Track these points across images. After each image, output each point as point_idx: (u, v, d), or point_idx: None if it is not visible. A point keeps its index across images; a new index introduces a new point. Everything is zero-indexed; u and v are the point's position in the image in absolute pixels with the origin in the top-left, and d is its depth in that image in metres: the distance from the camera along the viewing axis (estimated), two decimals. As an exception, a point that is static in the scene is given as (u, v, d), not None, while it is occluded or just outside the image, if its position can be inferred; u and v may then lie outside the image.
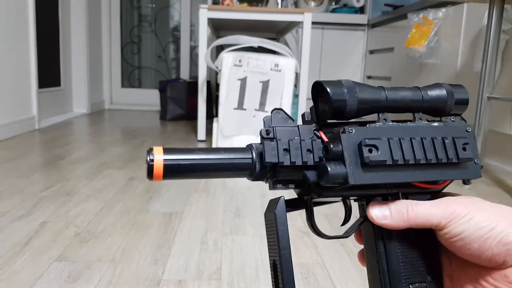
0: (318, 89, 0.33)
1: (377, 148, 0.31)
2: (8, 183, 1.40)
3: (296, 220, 1.12)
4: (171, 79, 3.75)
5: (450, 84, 0.36)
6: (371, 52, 3.39)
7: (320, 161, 0.32)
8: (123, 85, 4.00)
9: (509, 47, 1.80)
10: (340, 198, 0.36)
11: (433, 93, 0.35)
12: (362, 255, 0.38)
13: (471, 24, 2.04)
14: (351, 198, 0.37)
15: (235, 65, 1.92)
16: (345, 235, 0.36)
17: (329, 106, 0.32)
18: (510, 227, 0.31)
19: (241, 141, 1.92)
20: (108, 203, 1.23)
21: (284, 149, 0.32)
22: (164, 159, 0.30)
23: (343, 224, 0.38)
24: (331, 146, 0.31)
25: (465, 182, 0.36)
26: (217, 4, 3.08)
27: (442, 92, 0.35)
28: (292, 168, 0.32)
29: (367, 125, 0.33)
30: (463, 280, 0.34)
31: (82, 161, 1.75)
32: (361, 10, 3.51)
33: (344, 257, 0.93)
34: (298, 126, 0.33)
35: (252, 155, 0.32)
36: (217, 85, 2.23)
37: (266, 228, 0.35)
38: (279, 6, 3.03)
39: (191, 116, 3.23)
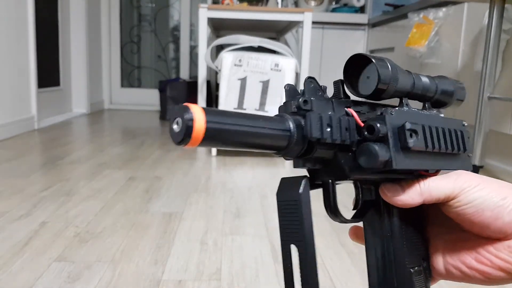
0: (358, 63, 0.32)
1: (417, 134, 0.30)
2: (8, 183, 1.39)
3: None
4: (171, 79, 3.74)
5: (454, 80, 0.37)
6: (372, 51, 3.38)
7: (358, 141, 0.30)
8: (122, 85, 3.99)
9: (509, 47, 1.80)
10: (352, 182, 0.35)
11: (444, 86, 0.36)
12: (354, 232, 0.39)
13: (472, 24, 2.03)
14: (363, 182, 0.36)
15: (235, 64, 1.91)
16: (359, 219, 0.36)
17: (372, 84, 0.31)
18: None
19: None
20: (108, 203, 1.23)
21: (327, 124, 0.29)
22: (206, 120, 0.25)
23: (355, 208, 0.37)
24: (378, 126, 0.29)
25: None
26: (217, 3, 3.08)
27: (451, 87, 0.36)
28: (329, 146, 0.30)
29: (396, 108, 0.32)
30: (460, 253, 0.34)
31: (82, 161, 1.75)
32: (361, 10, 3.51)
33: (344, 257, 0.92)
34: (332, 100, 0.31)
35: (290, 127, 0.29)
36: (217, 85, 2.23)
37: (283, 209, 0.32)
38: (279, 5, 3.03)
39: (191, 116, 3.22)
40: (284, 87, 0.31)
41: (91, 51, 3.46)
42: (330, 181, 0.33)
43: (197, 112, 0.24)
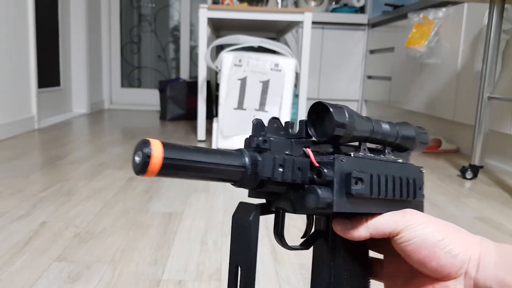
0: (319, 109, 0.34)
1: (362, 181, 0.33)
2: (8, 183, 1.39)
3: (296, 220, 1.12)
4: (171, 79, 3.75)
5: (417, 126, 0.40)
6: (372, 52, 3.38)
7: (308, 181, 0.33)
8: (122, 85, 4.00)
9: (509, 47, 1.80)
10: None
11: (405, 132, 0.38)
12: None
13: (472, 24, 2.03)
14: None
15: (235, 65, 1.91)
16: (306, 247, 0.38)
17: (330, 130, 0.33)
18: (459, 242, 0.32)
19: (241, 141, 1.92)
20: (108, 203, 1.23)
21: (280, 165, 0.32)
22: (164, 157, 0.28)
23: (304, 236, 0.39)
24: (325, 171, 0.32)
25: None
26: (217, 3, 3.08)
27: (412, 132, 0.39)
28: (279, 183, 0.32)
29: (352, 154, 0.35)
30: None
31: (82, 161, 1.75)
32: (361, 10, 3.51)
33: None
34: (291, 140, 0.34)
35: (245, 164, 0.31)
36: (217, 85, 2.23)
37: (235, 231, 0.35)
38: (279, 5, 3.03)
39: (191, 116, 3.23)
40: (252, 121, 0.34)
41: (91, 51, 3.46)
42: (280, 211, 0.36)
43: (156, 148, 0.27)
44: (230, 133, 1.95)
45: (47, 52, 2.88)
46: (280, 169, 0.32)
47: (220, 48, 2.36)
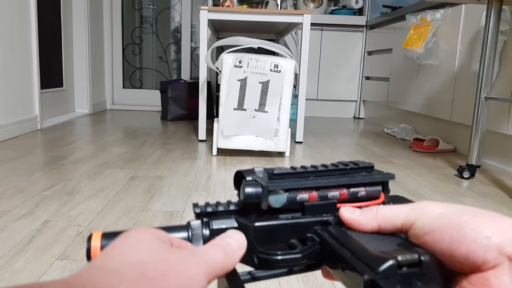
0: (238, 177, 0.33)
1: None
2: (11, 183, 1.41)
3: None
4: (172, 79, 3.76)
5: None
6: (370, 53, 3.40)
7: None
8: (124, 86, 4.02)
9: (506, 48, 1.82)
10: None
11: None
12: (326, 271, 0.35)
13: (469, 25, 2.05)
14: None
15: (235, 66, 1.93)
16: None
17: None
18: (491, 223, 0.25)
19: (241, 141, 1.94)
20: (110, 202, 1.25)
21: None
22: (101, 245, 0.31)
23: None
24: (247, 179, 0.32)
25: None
26: (217, 5, 3.10)
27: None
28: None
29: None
30: None
31: (84, 161, 1.77)
32: (359, 12, 3.53)
33: None
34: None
35: (189, 238, 0.31)
36: (218, 86, 2.25)
37: None
38: (279, 7, 3.05)
39: (192, 116, 3.25)
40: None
41: (94, 52, 3.48)
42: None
43: (94, 240, 0.31)
44: (230, 133, 1.96)
45: (50, 54, 2.91)
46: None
47: (220, 49, 2.38)
